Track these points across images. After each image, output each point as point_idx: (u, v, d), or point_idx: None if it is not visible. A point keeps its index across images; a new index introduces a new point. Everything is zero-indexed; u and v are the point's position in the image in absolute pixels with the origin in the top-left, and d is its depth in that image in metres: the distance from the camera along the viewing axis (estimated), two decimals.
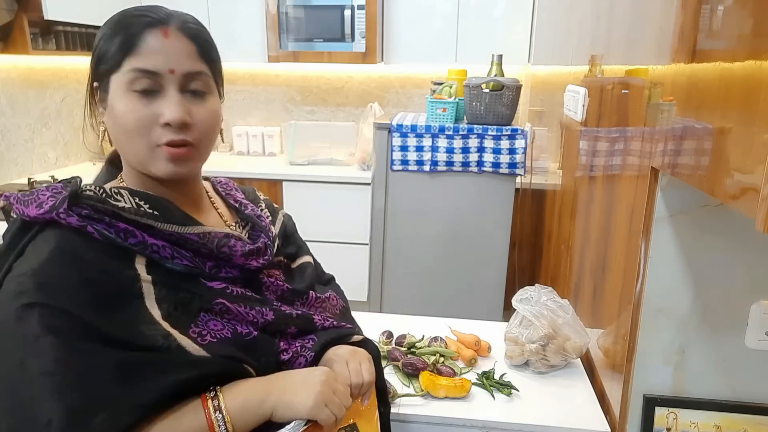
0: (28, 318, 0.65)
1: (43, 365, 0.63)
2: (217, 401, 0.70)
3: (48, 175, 2.60)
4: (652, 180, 0.95)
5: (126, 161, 0.80)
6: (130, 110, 0.73)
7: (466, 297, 2.48)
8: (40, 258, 0.69)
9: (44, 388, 0.63)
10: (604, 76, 1.39)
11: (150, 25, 0.73)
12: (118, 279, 0.71)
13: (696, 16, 0.79)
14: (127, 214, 0.73)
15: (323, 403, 0.74)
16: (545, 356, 1.25)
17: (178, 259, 0.76)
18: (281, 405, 0.73)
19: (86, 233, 0.71)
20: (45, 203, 0.72)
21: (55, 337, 0.64)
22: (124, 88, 0.73)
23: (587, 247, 1.46)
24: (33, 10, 2.41)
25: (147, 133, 0.74)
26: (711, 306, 0.96)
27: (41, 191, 0.74)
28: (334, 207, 2.93)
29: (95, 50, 0.76)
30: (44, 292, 0.66)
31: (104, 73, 0.75)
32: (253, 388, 0.74)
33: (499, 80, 2.21)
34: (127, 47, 0.73)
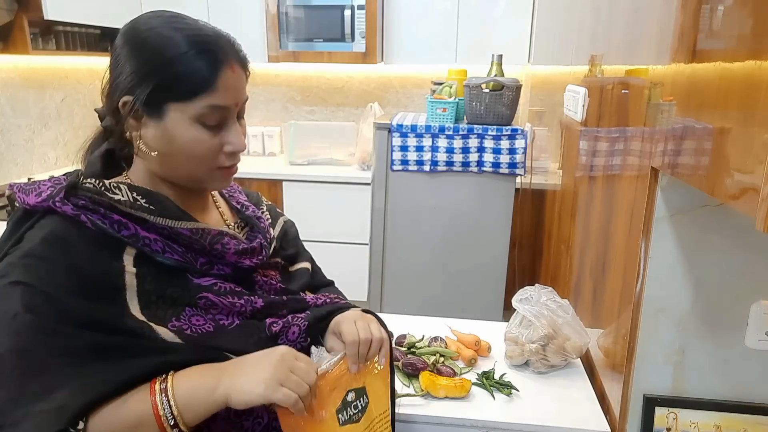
0: (11, 295, 0.67)
1: (16, 342, 0.66)
2: (165, 384, 0.69)
3: (48, 175, 2.59)
4: (652, 180, 0.95)
5: (162, 172, 0.81)
6: (198, 141, 0.76)
7: (466, 297, 2.48)
8: (33, 242, 0.72)
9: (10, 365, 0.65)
10: (604, 76, 1.39)
11: (224, 62, 0.75)
12: (104, 269, 0.73)
13: (696, 16, 0.79)
14: (122, 206, 0.75)
15: (277, 384, 0.71)
16: (545, 356, 1.25)
17: (169, 253, 0.78)
18: (234, 391, 0.70)
19: (79, 222, 0.73)
20: (44, 192, 0.75)
21: (33, 315, 0.67)
22: (192, 120, 0.75)
23: (587, 247, 1.46)
24: (33, 10, 2.41)
25: (212, 160, 0.78)
26: (711, 306, 0.96)
27: (43, 182, 0.78)
28: (334, 207, 2.93)
29: (155, 69, 0.73)
30: (29, 273, 0.69)
31: (162, 98, 0.74)
32: (204, 374, 0.72)
33: (499, 80, 2.21)
34: (206, 86, 0.74)
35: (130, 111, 0.75)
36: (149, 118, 0.76)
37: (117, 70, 0.77)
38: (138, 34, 0.77)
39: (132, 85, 0.74)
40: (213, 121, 0.76)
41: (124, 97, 0.75)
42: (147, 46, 0.75)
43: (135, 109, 0.75)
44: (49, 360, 0.66)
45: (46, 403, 0.64)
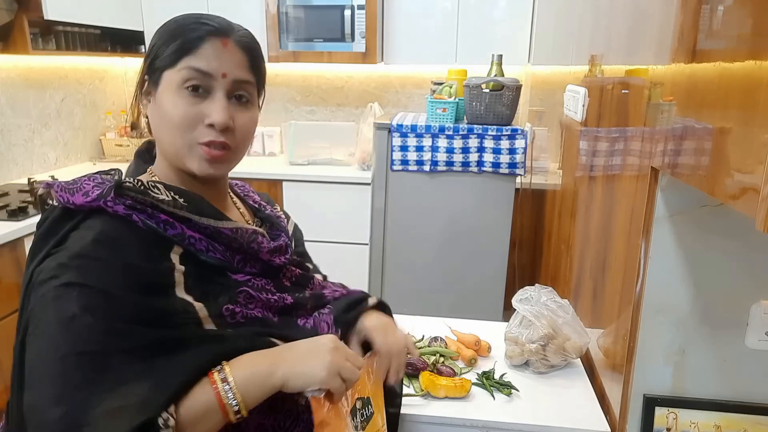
0: (66, 297, 0.67)
1: (76, 344, 0.65)
2: (224, 374, 0.70)
3: (48, 175, 2.60)
4: (652, 180, 0.95)
5: (162, 154, 0.83)
6: (178, 106, 0.76)
7: (466, 297, 2.48)
8: (83, 242, 0.71)
9: (69, 368, 0.64)
10: (604, 76, 1.39)
11: (212, 33, 0.78)
12: (156, 267, 0.74)
13: (696, 16, 0.79)
14: (165, 206, 0.76)
15: (336, 372, 0.74)
16: (545, 356, 1.25)
17: (212, 252, 0.79)
18: (293, 376, 0.72)
19: (130, 221, 0.74)
20: (91, 192, 0.74)
21: (91, 317, 0.66)
22: (176, 85, 0.76)
23: (587, 247, 1.46)
24: (33, 10, 2.40)
25: (190, 131, 0.77)
26: (711, 306, 0.96)
27: (84, 181, 0.76)
28: (334, 207, 2.93)
29: (153, 46, 0.79)
30: (84, 273, 0.68)
31: (158, 68, 0.78)
32: (260, 360, 0.73)
33: (499, 80, 2.21)
34: (187, 48, 0.77)
35: (146, 92, 0.80)
36: (148, 94, 0.80)
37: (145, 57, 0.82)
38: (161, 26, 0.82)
39: (148, 64, 0.80)
40: (192, 84, 0.76)
41: (145, 76, 0.80)
42: (159, 29, 0.81)
43: (148, 89, 0.79)
44: (112, 359, 0.66)
45: (121, 399, 0.64)
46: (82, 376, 0.64)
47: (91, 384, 0.64)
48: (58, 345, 0.65)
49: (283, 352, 0.75)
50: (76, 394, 0.63)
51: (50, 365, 0.65)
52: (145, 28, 3.13)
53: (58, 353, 0.65)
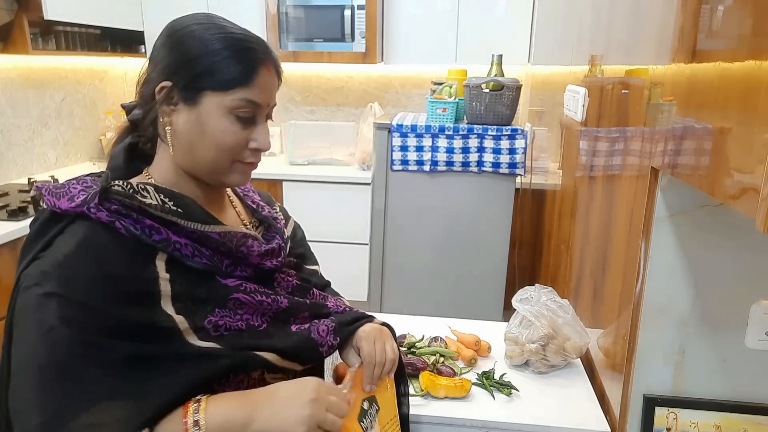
0: (46, 307, 0.67)
1: (53, 355, 0.66)
2: (198, 416, 0.69)
3: (48, 175, 2.60)
4: (652, 180, 0.95)
5: (182, 160, 0.81)
6: (228, 132, 0.77)
7: (466, 297, 2.48)
8: (65, 250, 0.70)
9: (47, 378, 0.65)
10: (604, 76, 1.39)
11: (261, 62, 0.78)
12: (139, 275, 0.73)
13: (696, 16, 0.79)
14: (153, 210, 0.75)
15: (315, 426, 0.73)
16: (545, 356, 1.25)
17: (198, 257, 0.78)
18: (270, 430, 0.72)
19: (113, 228, 0.73)
20: (76, 197, 0.74)
21: (68, 328, 0.66)
22: (225, 111, 0.77)
23: (587, 247, 1.46)
24: (33, 10, 2.40)
25: (236, 153, 0.79)
26: (711, 306, 0.96)
27: (72, 184, 0.76)
28: (334, 207, 2.93)
29: (198, 58, 0.76)
30: (65, 283, 0.68)
31: (200, 87, 0.76)
32: (237, 407, 0.72)
33: (499, 80, 2.21)
34: (245, 79, 0.77)
35: (167, 96, 0.77)
36: (184, 104, 0.77)
37: (157, 59, 0.79)
38: (184, 28, 0.79)
39: (173, 71, 0.76)
40: (245, 115, 0.78)
41: (163, 82, 0.77)
42: (193, 37, 0.77)
43: (171, 94, 0.77)
44: (89, 372, 0.66)
45: (98, 416, 0.64)
46: (60, 387, 0.65)
47: (68, 396, 0.65)
48: (39, 355, 0.66)
49: (262, 401, 0.74)
50: (54, 404, 0.64)
51: (30, 373, 0.66)
52: (145, 28, 3.13)
53: (38, 363, 0.66)
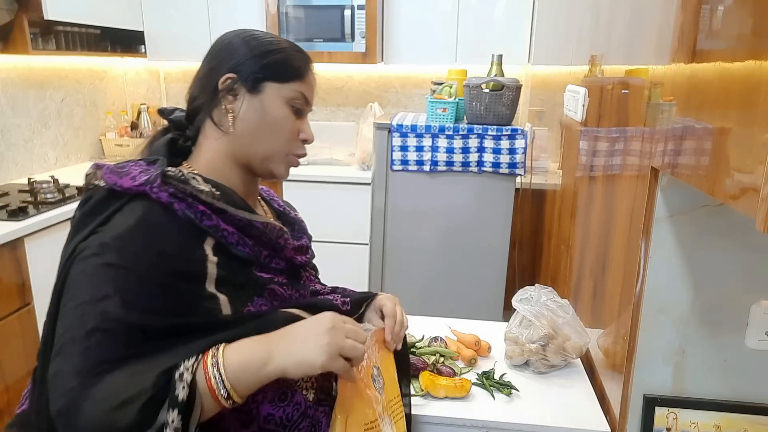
0: (103, 276, 0.71)
1: (102, 322, 0.69)
2: (216, 359, 0.70)
3: (48, 175, 2.60)
4: (652, 180, 0.95)
5: (239, 149, 0.87)
6: (286, 118, 0.87)
7: (466, 297, 2.48)
8: (125, 225, 0.75)
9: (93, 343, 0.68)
10: (604, 76, 1.39)
11: (311, 64, 0.92)
12: (190, 256, 0.77)
13: (696, 16, 0.79)
14: (204, 197, 0.79)
15: (336, 353, 0.73)
16: (545, 356, 1.25)
17: (242, 246, 0.83)
18: (291, 365, 0.71)
19: (171, 210, 0.77)
20: (138, 177, 0.78)
21: (122, 298, 0.70)
22: (284, 100, 0.87)
23: (587, 247, 1.46)
24: (33, 10, 2.40)
25: (290, 142, 0.89)
26: (711, 306, 0.96)
27: (131, 166, 0.81)
28: (334, 207, 2.93)
29: (264, 53, 0.86)
30: (123, 255, 0.72)
31: (259, 77, 0.85)
32: (256, 348, 0.73)
33: (499, 80, 2.21)
34: (300, 74, 0.88)
35: (231, 86, 0.84)
36: (247, 92, 0.85)
37: (221, 57, 0.87)
38: (245, 34, 0.88)
39: (237, 64, 0.85)
40: (298, 106, 0.88)
41: (228, 74, 0.84)
42: (259, 37, 0.88)
43: (234, 85, 0.84)
44: (132, 339, 0.70)
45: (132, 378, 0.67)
46: (104, 352, 0.68)
47: (111, 362, 0.67)
48: (87, 320, 0.69)
49: (280, 339, 0.74)
50: (94, 368, 0.66)
51: (77, 338, 0.68)
52: (145, 28, 3.13)
53: (86, 327, 0.68)
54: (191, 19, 3.08)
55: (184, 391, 0.66)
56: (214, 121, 0.86)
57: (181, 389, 0.65)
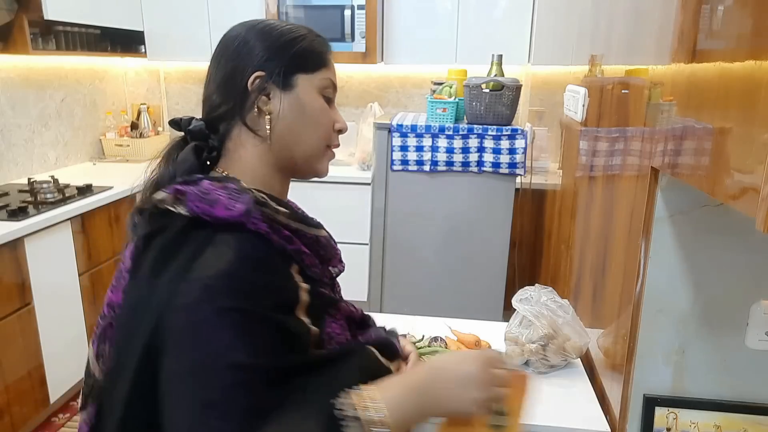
0: (219, 323, 0.63)
1: (236, 375, 0.62)
2: (377, 411, 0.66)
3: (48, 175, 2.60)
4: (652, 180, 0.95)
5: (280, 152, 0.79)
6: (324, 110, 0.81)
7: (466, 297, 2.48)
8: (226, 260, 0.66)
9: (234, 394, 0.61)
10: (604, 76, 1.39)
11: (330, 48, 0.84)
12: (289, 287, 0.72)
13: (696, 16, 0.79)
14: (282, 218, 0.73)
15: (490, 402, 0.72)
16: (545, 356, 1.25)
17: (315, 267, 0.78)
18: (441, 413, 0.71)
19: (267, 239, 0.70)
20: (231, 206, 0.69)
21: (249, 340, 0.63)
22: (317, 91, 0.80)
23: (587, 247, 1.46)
24: (33, 10, 2.41)
25: (329, 134, 0.83)
26: (711, 306, 0.96)
27: (215, 191, 0.71)
28: (334, 207, 2.93)
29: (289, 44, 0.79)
30: (237, 296, 0.65)
31: (294, 69, 0.78)
32: (406, 398, 0.69)
33: (499, 80, 2.21)
34: (324, 61, 0.81)
35: (263, 85, 0.77)
36: (280, 89, 0.78)
37: (240, 55, 0.78)
38: (258, 25, 0.81)
39: (264, 60, 0.77)
40: (329, 95, 0.82)
41: (257, 73, 0.77)
42: (273, 28, 0.80)
43: (264, 84, 0.77)
44: (272, 386, 0.64)
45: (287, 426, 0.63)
46: (251, 409, 0.62)
47: (262, 416, 0.62)
48: (220, 378, 0.62)
49: (430, 389, 0.71)
50: (249, 420, 0.61)
51: (216, 402, 0.61)
52: (145, 28, 3.13)
53: (222, 386, 0.61)
54: (191, 19, 3.09)
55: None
56: (249, 127, 0.78)
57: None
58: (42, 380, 2.18)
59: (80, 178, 2.65)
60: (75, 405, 2.43)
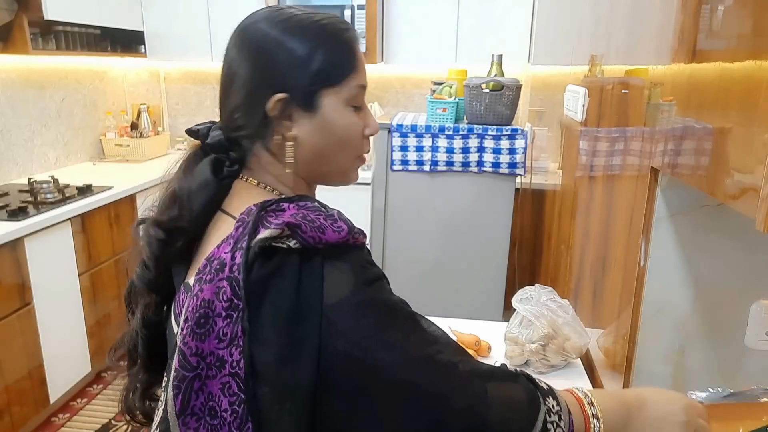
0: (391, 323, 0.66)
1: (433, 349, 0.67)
2: (595, 409, 0.70)
3: (48, 175, 2.60)
4: (652, 180, 0.95)
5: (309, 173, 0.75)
6: (354, 125, 0.72)
7: (466, 297, 2.48)
8: (353, 273, 0.65)
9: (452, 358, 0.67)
10: (604, 76, 1.39)
11: (356, 39, 0.73)
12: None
13: (696, 16, 0.79)
14: None
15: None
16: (545, 356, 1.25)
17: None
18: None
19: (367, 250, 0.70)
20: (337, 227, 0.66)
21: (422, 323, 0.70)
22: (345, 104, 0.71)
23: (587, 247, 1.46)
24: (33, 10, 2.41)
25: (359, 145, 0.75)
26: (711, 306, 0.96)
27: (311, 215, 0.66)
28: (334, 207, 2.93)
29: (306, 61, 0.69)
30: (387, 295, 0.68)
31: (317, 87, 0.69)
32: (615, 410, 0.72)
33: (499, 80, 2.21)
34: (353, 65, 0.71)
35: (284, 109, 0.69)
36: (304, 112, 0.70)
37: (262, 71, 0.69)
38: (279, 26, 0.70)
39: (286, 79, 0.68)
40: (359, 103, 0.73)
41: (277, 95, 0.68)
42: (293, 32, 0.69)
43: (286, 107, 0.69)
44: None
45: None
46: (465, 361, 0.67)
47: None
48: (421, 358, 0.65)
49: (639, 411, 0.73)
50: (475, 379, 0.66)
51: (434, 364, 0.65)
52: (145, 28, 3.13)
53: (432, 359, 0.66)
54: (191, 19, 3.09)
55: None
56: (272, 153, 0.72)
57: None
58: (42, 380, 2.18)
59: (80, 178, 2.65)
60: (75, 405, 2.44)
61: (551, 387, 0.70)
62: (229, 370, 0.61)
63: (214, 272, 0.62)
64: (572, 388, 0.73)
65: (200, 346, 0.62)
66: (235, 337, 0.60)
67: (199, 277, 0.64)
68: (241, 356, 0.60)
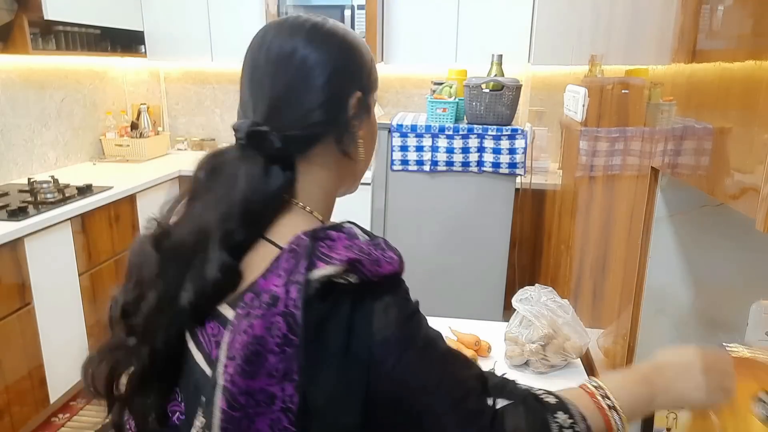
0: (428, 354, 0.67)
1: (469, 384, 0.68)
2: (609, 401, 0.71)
3: (48, 175, 2.60)
4: (652, 180, 0.95)
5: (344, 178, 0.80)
6: (377, 126, 0.80)
7: (466, 297, 2.48)
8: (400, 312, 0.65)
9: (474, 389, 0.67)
10: (604, 76, 1.39)
11: None
12: None
13: (696, 16, 0.79)
14: None
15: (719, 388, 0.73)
16: (545, 356, 1.25)
17: None
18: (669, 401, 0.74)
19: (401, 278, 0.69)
20: (389, 258, 0.65)
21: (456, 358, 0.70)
22: (373, 106, 0.78)
23: (587, 247, 1.46)
24: (33, 10, 2.41)
25: None
26: (711, 306, 0.96)
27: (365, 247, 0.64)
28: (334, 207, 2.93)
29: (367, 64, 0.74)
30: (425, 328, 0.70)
31: (368, 94, 0.75)
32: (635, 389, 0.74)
33: (499, 80, 2.21)
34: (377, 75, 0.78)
35: (359, 108, 0.72)
36: (365, 113, 0.75)
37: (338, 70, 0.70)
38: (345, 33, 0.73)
39: (360, 80, 0.73)
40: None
41: (358, 93, 0.71)
42: (354, 40, 0.73)
43: (360, 105, 0.72)
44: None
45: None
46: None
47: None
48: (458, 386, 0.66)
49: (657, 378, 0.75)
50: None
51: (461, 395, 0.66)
52: (145, 28, 3.13)
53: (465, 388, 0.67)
54: (191, 19, 3.09)
55: None
56: (347, 154, 0.73)
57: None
58: (42, 380, 2.18)
59: (80, 178, 2.65)
60: (75, 405, 2.44)
61: (561, 399, 0.69)
62: (280, 405, 0.59)
63: (265, 307, 0.59)
64: (584, 383, 0.73)
65: (250, 385, 0.59)
66: (289, 373, 0.59)
67: (247, 312, 0.60)
68: (295, 391, 0.59)
